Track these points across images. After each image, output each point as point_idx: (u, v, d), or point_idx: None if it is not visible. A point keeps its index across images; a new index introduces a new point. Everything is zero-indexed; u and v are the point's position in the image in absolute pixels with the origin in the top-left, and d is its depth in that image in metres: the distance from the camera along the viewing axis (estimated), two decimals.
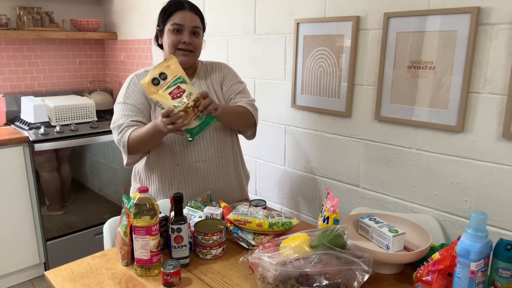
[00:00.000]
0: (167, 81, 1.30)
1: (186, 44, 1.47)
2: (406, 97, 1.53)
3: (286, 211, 2.13)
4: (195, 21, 1.49)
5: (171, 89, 1.29)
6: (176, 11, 1.47)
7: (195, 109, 1.29)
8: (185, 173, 1.55)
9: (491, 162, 1.37)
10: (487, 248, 0.92)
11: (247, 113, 1.56)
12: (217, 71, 1.64)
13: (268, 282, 1.01)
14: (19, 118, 2.75)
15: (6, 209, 2.42)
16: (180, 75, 1.31)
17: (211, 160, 1.57)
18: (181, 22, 1.46)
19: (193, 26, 1.48)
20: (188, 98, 1.29)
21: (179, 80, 1.31)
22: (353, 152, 1.76)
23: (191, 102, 1.29)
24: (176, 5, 1.49)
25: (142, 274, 1.16)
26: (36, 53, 3.00)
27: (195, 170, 1.55)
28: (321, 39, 1.77)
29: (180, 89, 1.29)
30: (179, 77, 1.31)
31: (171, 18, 1.48)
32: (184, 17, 1.47)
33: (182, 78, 1.31)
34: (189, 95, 1.29)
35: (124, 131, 1.45)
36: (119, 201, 2.91)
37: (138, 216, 1.12)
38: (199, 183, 1.56)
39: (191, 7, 1.50)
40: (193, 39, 1.49)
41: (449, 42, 1.39)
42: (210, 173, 1.57)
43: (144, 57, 2.93)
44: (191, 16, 1.48)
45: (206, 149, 1.55)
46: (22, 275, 2.59)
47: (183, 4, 1.49)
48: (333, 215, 1.19)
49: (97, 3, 3.26)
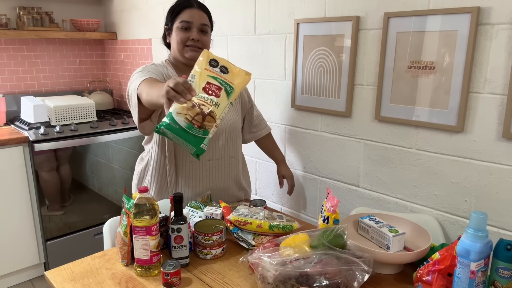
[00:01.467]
0: (221, 74, 1.13)
1: (195, 41, 1.47)
2: (406, 97, 1.53)
3: (286, 211, 2.13)
4: (203, 18, 1.50)
5: (214, 82, 1.10)
6: (185, 9, 1.48)
7: (200, 116, 1.06)
8: (197, 170, 1.55)
9: (491, 162, 1.37)
10: (487, 248, 0.92)
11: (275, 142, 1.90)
12: None
13: (268, 282, 1.01)
14: (19, 118, 2.75)
15: (6, 209, 2.42)
16: (234, 86, 1.12)
17: (223, 159, 1.59)
18: (190, 19, 1.47)
19: (202, 23, 1.48)
20: (210, 103, 1.07)
21: (227, 86, 1.11)
22: (353, 152, 1.76)
23: (207, 108, 1.06)
24: (184, 3, 1.50)
25: (142, 274, 1.16)
26: (36, 53, 3.00)
27: (207, 168, 1.56)
28: (321, 39, 1.77)
29: (219, 92, 1.08)
30: (231, 86, 1.12)
31: (179, 16, 1.48)
32: (192, 14, 1.47)
33: (233, 88, 1.12)
34: (215, 104, 1.07)
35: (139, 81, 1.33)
36: (119, 201, 2.91)
37: (138, 216, 1.12)
38: (210, 181, 1.58)
39: (199, 5, 1.51)
40: (201, 36, 1.49)
41: (449, 42, 1.39)
42: (221, 171, 1.60)
43: (144, 57, 2.93)
44: (200, 13, 1.49)
45: (221, 148, 1.57)
46: (22, 275, 2.59)
47: (191, 3, 1.50)
48: (333, 215, 1.19)
49: (97, 3, 3.26)
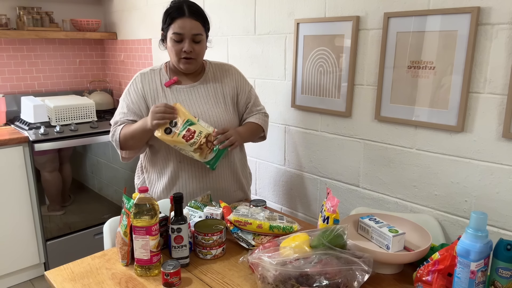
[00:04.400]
0: (177, 126, 1.42)
1: (187, 52, 1.47)
2: (406, 97, 1.53)
3: (286, 211, 2.13)
4: (195, 28, 1.46)
5: (183, 133, 1.41)
6: (177, 19, 1.45)
7: (209, 143, 1.44)
8: (188, 171, 1.55)
9: (491, 162, 1.37)
10: (487, 248, 0.92)
11: (259, 130, 1.67)
12: (228, 76, 1.64)
13: (268, 282, 1.01)
14: (19, 118, 2.75)
15: (6, 209, 2.42)
16: (188, 119, 1.43)
17: None
18: (181, 31, 1.45)
19: (193, 34, 1.46)
20: (199, 136, 1.42)
21: (187, 124, 1.42)
22: (353, 152, 1.76)
23: (203, 139, 1.43)
24: (176, 12, 1.45)
25: (142, 274, 1.16)
26: (36, 53, 3.00)
27: (198, 168, 1.56)
28: (321, 39, 1.77)
29: (191, 131, 1.42)
30: (187, 121, 1.43)
31: (171, 26, 1.46)
32: (183, 25, 1.44)
33: (190, 121, 1.43)
34: (199, 134, 1.43)
35: (116, 128, 1.54)
36: (119, 201, 2.91)
37: (138, 216, 1.12)
38: (202, 181, 1.57)
39: (191, 12, 1.46)
40: (194, 47, 1.48)
41: (449, 42, 1.39)
42: (213, 172, 1.58)
43: (144, 57, 2.93)
44: (191, 23, 1.45)
45: None
46: (22, 275, 2.59)
47: (183, 10, 1.45)
48: (333, 215, 1.19)
49: (97, 3, 3.26)
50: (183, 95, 1.55)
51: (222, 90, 1.60)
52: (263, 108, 1.72)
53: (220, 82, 1.61)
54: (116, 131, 1.53)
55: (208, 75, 1.61)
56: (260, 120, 1.66)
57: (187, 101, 1.55)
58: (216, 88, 1.60)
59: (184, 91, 1.56)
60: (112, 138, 1.55)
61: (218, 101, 1.59)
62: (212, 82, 1.60)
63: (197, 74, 1.60)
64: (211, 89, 1.59)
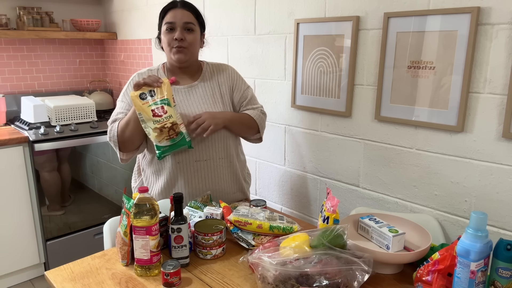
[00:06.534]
0: (153, 98, 1.39)
1: (178, 40, 1.47)
2: (406, 97, 1.53)
3: (286, 211, 2.13)
4: (187, 16, 1.49)
5: (155, 107, 1.38)
6: (169, 11, 1.50)
7: (171, 131, 1.39)
8: (185, 172, 1.55)
9: (491, 162, 1.37)
10: (487, 248, 0.92)
11: (251, 122, 1.61)
12: (224, 74, 1.64)
13: (268, 282, 1.01)
14: (19, 118, 2.75)
15: (6, 209, 2.42)
16: (167, 98, 1.40)
17: (212, 160, 1.57)
18: (172, 19, 1.48)
19: (184, 22, 1.48)
20: (167, 119, 1.38)
21: (164, 102, 1.39)
22: (353, 152, 1.76)
23: (169, 124, 1.38)
24: (169, 5, 1.52)
25: (142, 274, 1.16)
26: (36, 53, 3.00)
27: (195, 169, 1.55)
28: (321, 39, 1.77)
29: (163, 109, 1.38)
30: (166, 99, 1.40)
31: (164, 19, 1.51)
32: (175, 14, 1.48)
33: (168, 101, 1.40)
34: (169, 117, 1.38)
35: (113, 125, 1.53)
36: (119, 201, 2.91)
37: (138, 216, 1.12)
38: (199, 183, 1.57)
39: (183, 4, 1.51)
40: (185, 35, 1.49)
41: (449, 42, 1.39)
42: (210, 173, 1.57)
43: (144, 57, 2.93)
44: (182, 12, 1.49)
45: (208, 149, 1.55)
46: (22, 275, 2.59)
47: (175, 3, 1.51)
48: (333, 215, 1.19)
49: (97, 3, 3.26)
50: (181, 95, 1.55)
51: (220, 89, 1.60)
52: (260, 107, 1.67)
53: (217, 81, 1.61)
54: (114, 127, 1.52)
55: (206, 75, 1.61)
56: (255, 114, 1.62)
57: (185, 101, 1.55)
58: (214, 88, 1.60)
59: (182, 92, 1.56)
60: (110, 135, 1.52)
61: (216, 101, 1.59)
62: (209, 82, 1.60)
63: (194, 74, 1.60)
64: (209, 89, 1.59)
